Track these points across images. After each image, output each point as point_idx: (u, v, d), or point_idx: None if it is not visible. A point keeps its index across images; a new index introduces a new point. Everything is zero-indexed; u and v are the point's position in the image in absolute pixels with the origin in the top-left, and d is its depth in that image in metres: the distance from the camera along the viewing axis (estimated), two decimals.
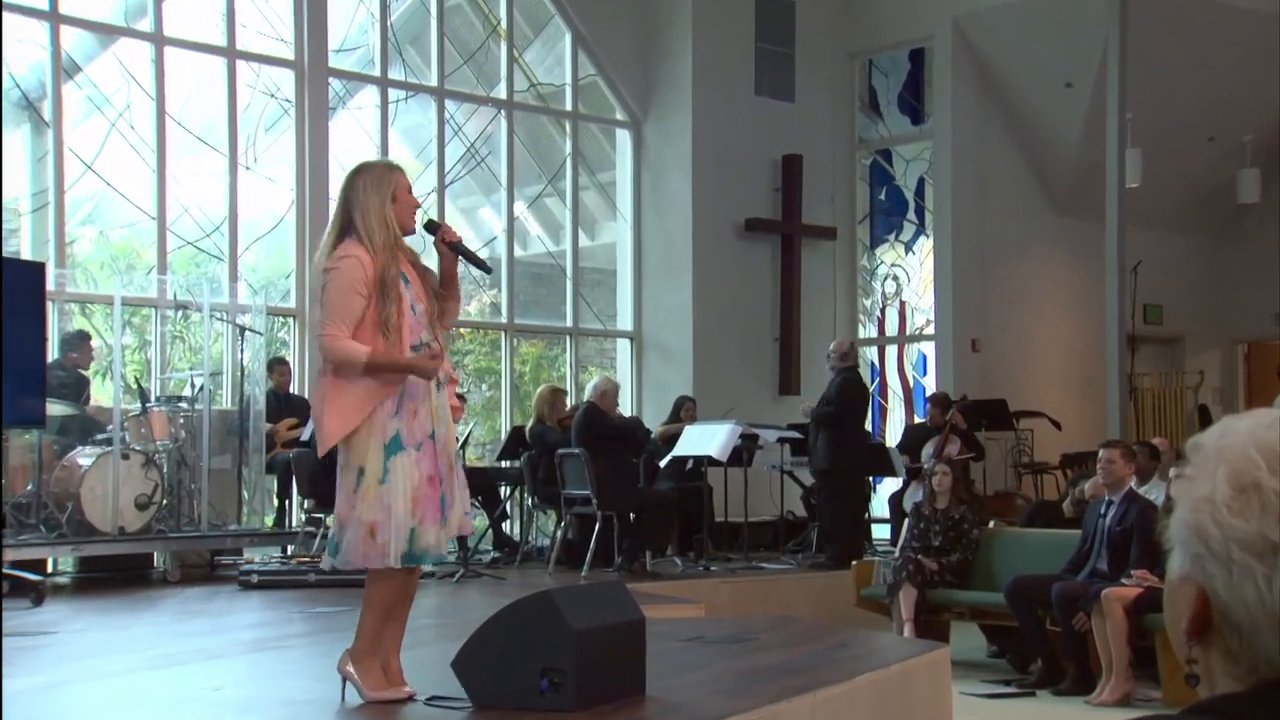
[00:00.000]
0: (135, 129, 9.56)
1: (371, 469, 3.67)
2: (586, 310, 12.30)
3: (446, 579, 7.95)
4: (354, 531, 3.68)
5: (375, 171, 3.80)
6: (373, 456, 3.67)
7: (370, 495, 3.67)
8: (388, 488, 3.67)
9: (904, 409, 12.84)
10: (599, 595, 3.97)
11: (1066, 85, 11.90)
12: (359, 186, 3.75)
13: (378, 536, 3.67)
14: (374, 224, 3.73)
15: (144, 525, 7.87)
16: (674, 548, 9.24)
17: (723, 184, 12.12)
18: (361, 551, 3.68)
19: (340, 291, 3.68)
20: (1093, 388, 12.16)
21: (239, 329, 8.81)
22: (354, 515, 3.68)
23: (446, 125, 11.32)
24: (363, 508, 3.67)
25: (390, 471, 3.68)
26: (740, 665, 4.60)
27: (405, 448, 3.70)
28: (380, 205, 3.73)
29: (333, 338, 3.66)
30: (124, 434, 7.93)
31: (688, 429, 9.24)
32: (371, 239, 3.72)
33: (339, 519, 3.73)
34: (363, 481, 3.67)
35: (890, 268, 13.13)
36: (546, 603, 3.65)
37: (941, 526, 7.64)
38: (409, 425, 3.72)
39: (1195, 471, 1.05)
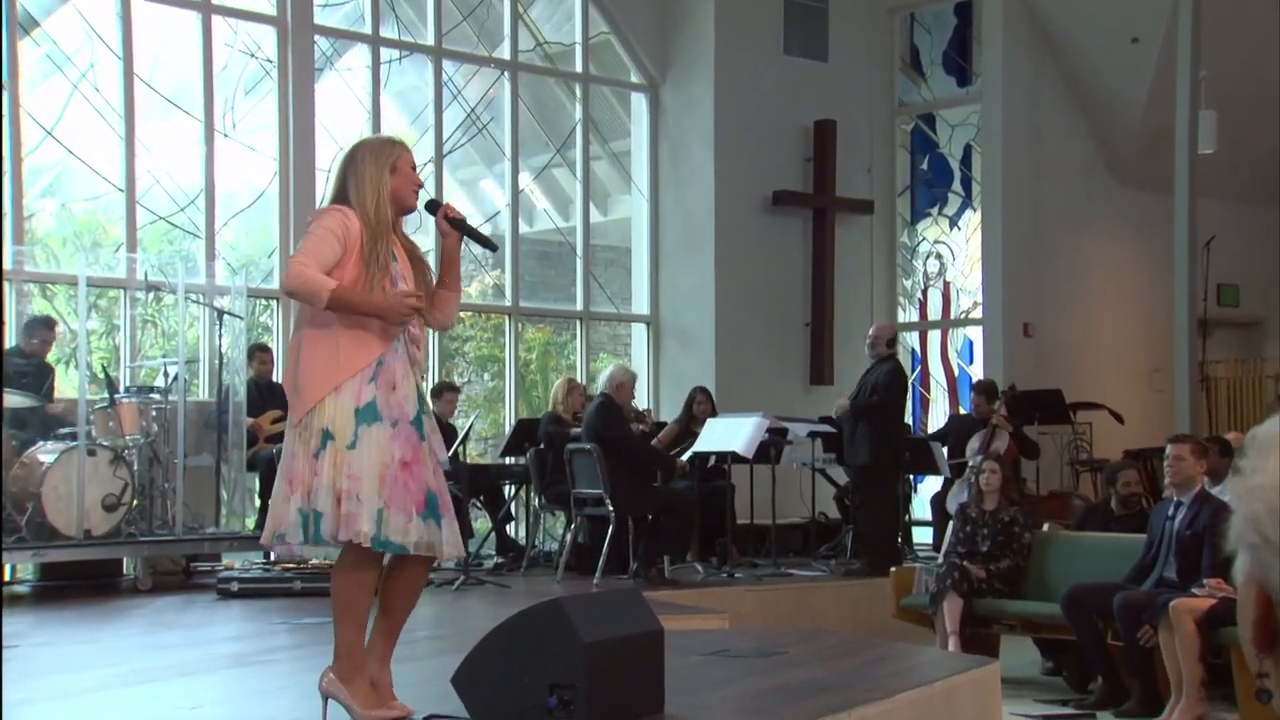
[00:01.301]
0: (100, 91, 9.56)
1: (341, 432, 3.61)
2: (598, 292, 12.29)
3: (445, 587, 7.96)
4: (327, 501, 3.60)
5: (375, 143, 3.88)
6: (342, 419, 3.62)
7: (338, 460, 3.60)
8: (356, 454, 3.61)
9: (948, 400, 12.81)
10: (613, 604, 3.97)
11: (1132, 40, 11.82)
12: (356, 158, 3.79)
13: (342, 507, 3.59)
14: (365, 186, 3.75)
15: (112, 528, 7.88)
16: (694, 553, 9.24)
17: (748, 153, 12.08)
18: (339, 523, 3.59)
19: (318, 233, 3.68)
20: (1160, 377, 12.10)
21: (217, 313, 8.81)
22: (318, 483, 3.60)
23: (444, 89, 11.30)
24: (329, 473, 3.60)
25: (361, 439, 3.62)
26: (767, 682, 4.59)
27: (381, 419, 3.65)
28: (376, 174, 3.76)
29: (302, 266, 3.63)
30: (90, 428, 7.94)
31: (710, 423, 9.23)
32: (361, 200, 3.75)
33: (294, 490, 3.62)
34: (329, 445, 3.61)
35: (933, 245, 13.08)
36: (555, 613, 3.64)
37: (989, 530, 7.62)
38: (386, 397, 3.68)
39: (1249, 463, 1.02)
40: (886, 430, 9.05)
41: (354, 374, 3.64)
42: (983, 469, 7.83)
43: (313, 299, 3.63)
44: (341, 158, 3.86)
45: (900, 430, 9.39)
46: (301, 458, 3.63)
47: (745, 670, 4.84)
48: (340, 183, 3.80)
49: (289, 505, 3.64)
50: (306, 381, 3.66)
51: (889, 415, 9.08)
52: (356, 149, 3.83)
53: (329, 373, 3.65)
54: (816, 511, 10.23)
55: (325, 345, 3.67)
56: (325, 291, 3.61)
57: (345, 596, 3.73)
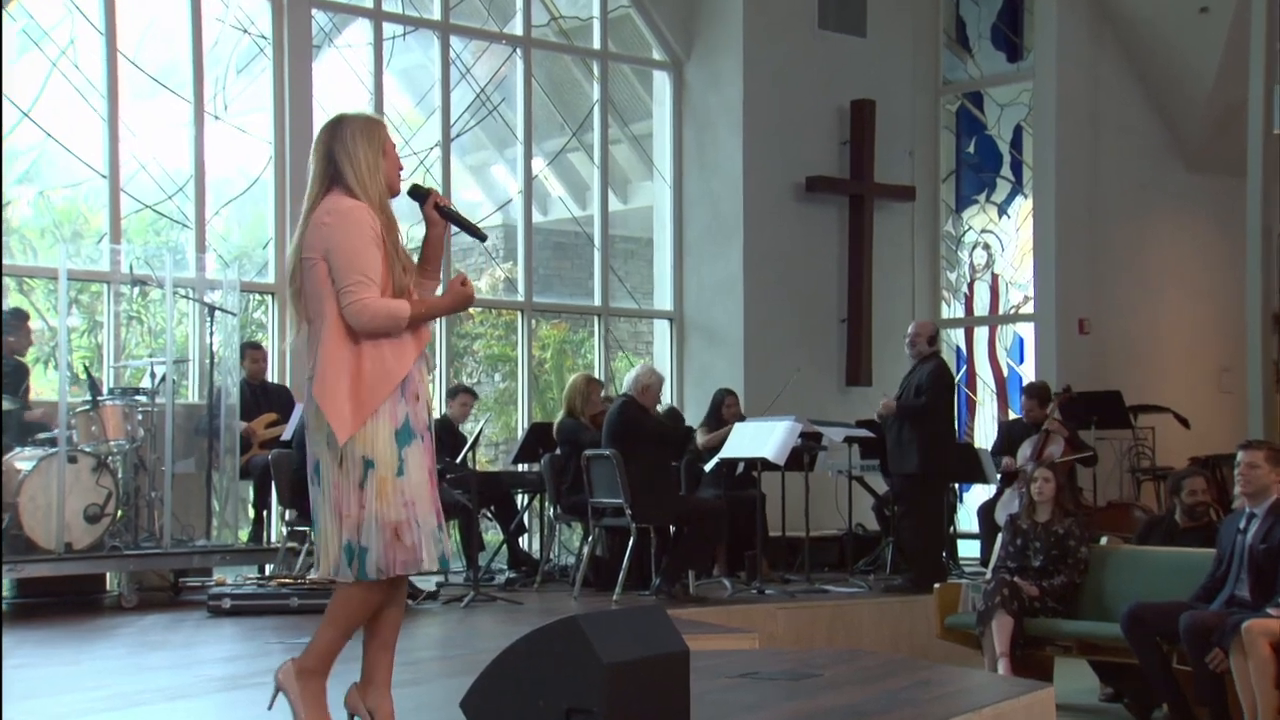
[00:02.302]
0: (81, 69, 9.58)
1: (384, 460, 3.68)
2: (618, 286, 12.28)
3: (454, 603, 7.97)
4: (375, 536, 3.67)
5: (360, 122, 3.84)
6: (383, 445, 3.68)
7: (387, 491, 3.68)
8: (406, 481, 3.70)
9: (996, 403, 12.75)
10: (634, 623, 3.96)
11: (1201, 10, 11.73)
12: (345, 136, 3.79)
13: (404, 538, 3.68)
14: (366, 175, 3.77)
15: (95, 541, 7.89)
16: (722, 567, 9.24)
17: (780, 136, 12.05)
18: (393, 558, 3.67)
19: (357, 245, 3.69)
20: (1230, 377, 12.01)
21: (207, 308, 8.82)
22: (366, 516, 3.66)
23: (452, 67, 11.31)
24: (379, 506, 3.67)
25: (406, 462, 3.71)
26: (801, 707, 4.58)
27: (416, 435, 3.74)
28: (374, 158, 3.78)
29: (365, 301, 3.66)
30: (71, 433, 7.95)
31: (738, 427, 9.22)
32: (367, 192, 3.76)
33: (344, 524, 3.69)
34: (372, 475, 3.67)
35: (980, 234, 13.03)
36: (572, 631, 3.63)
37: (1043, 543, 7.59)
38: (414, 410, 3.76)
39: None
40: (935, 434, 9.01)
41: (388, 394, 3.70)
42: (1035, 477, 7.79)
43: (394, 328, 3.70)
44: (324, 135, 3.83)
45: (949, 435, 9.35)
46: (345, 489, 3.69)
47: (777, 694, 4.83)
48: (329, 163, 3.78)
49: (334, 542, 3.71)
50: (343, 404, 3.68)
51: (937, 418, 9.04)
52: (341, 128, 3.81)
53: (370, 394, 3.69)
54: (854, 523, 10.21)
55: (359, 362, 3.70)
56: (404, 318, 3.70)
57: (349, 610, 3.77)
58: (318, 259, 3.71)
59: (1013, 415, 12.02)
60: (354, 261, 3.68)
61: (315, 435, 3.73)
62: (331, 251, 3.69)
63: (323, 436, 3.70)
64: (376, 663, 3.82)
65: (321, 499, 3.73)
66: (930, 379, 9.03)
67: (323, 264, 3.71)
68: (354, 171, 3.75)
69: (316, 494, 3.76)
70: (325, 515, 3.73)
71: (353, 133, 3.79)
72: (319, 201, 3.77)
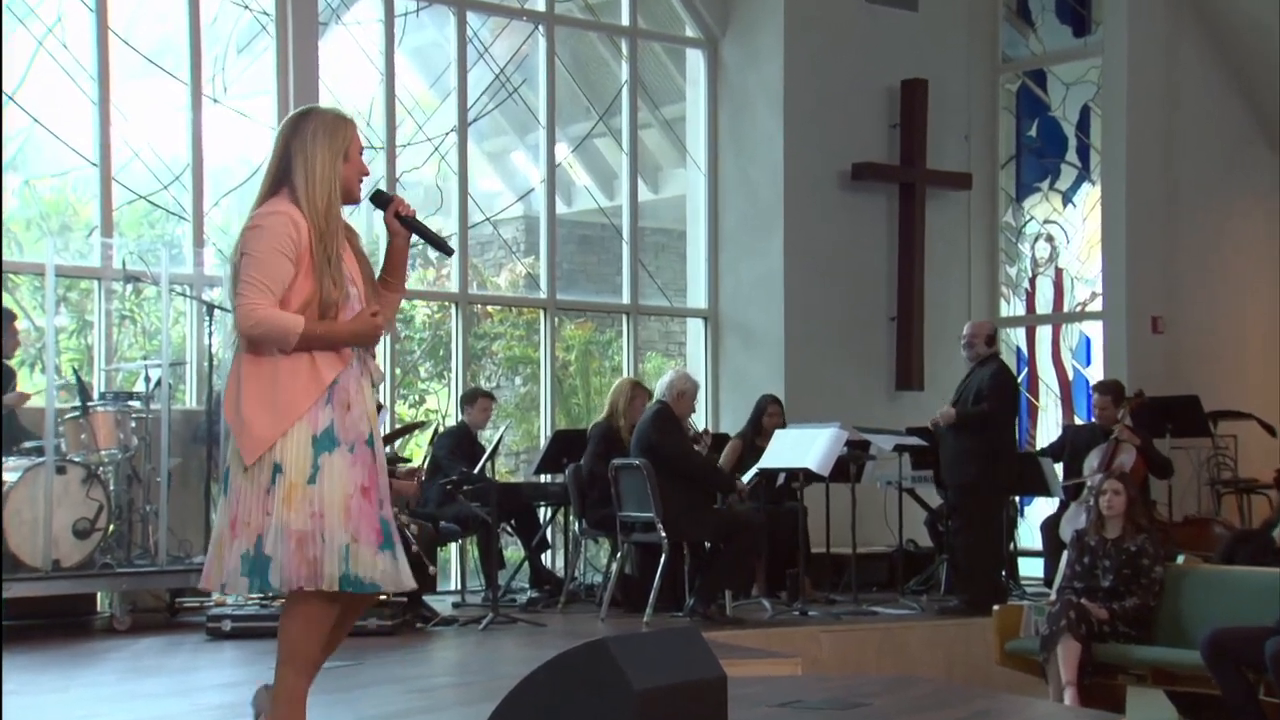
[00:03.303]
0: (69, 49, 9.62)
1: (295, 465, 3.76)
2: (648, 283, 12.26)
3: (471, 625, 7.97)
4: (280, 545, 3.74)
5: (326, 119, 3.95)
6: (297, 450, 3.77)
7: (296, 498, 3.75)
8: (317, 490, 3.76)
9: (1060, 409, 12.68)
10: (667, 646, 3.96)
11: None
12: (305, 132, 3.90)
13: (306, 551, 3.74)
14: (316, 180, 3.86)
15: (85, 558, 7.92)
16: (761, 586, 9.24)
17: (824, 119, 12.02)
18: (295, 571, 3.74)
19: (265, 252, 3.78)
20: None
21: (206, 307, 8.85)
22: (271, 523, 3.74)
23: (469, 45, 11.32)
24: (285, 513, 3.74)
25: (321, 470, 3.77)
26: None
27: (339, 444, 3.81)
28: (330, 161, 3.89)
29: (254, 306, 3.76)
30: (59, 441, 7.98)
31: (779, 435, 9.19)
32: (311, 199, 3.86)
33: (242, 532, 3.76)
34: (280, 480, 3.75)
35: (1043, 225, 12.97)
36: (601, 655, 3.62)
37: (1112, 561, 7.55)
38: (341, 419, 3.84)
39: None
40: (995, 442, 8.96)
41: (310, 405, 3.79)
42: (1104, 490, 7.75)
43: (281, 342, 3.77)
44: (286, 129, 3.95)
45: (1010, 443, 9.30)
46: (249, 496, 3.76)
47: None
48: (283, 161, 3.89)
49: (231, 552, 3.78)
50: (257, 417, 3.77)
51: (1000, 425, 8.98)
52: (305, 123, 3.92)
53: (285, 408, 3.77)
54: (904, 539, 10.17)
55: (276, 375, 3.79)
56: (294, 334, 3.77)
57: (295, 638, 3.85)
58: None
59: (1078, 421, 11.94)
60: (254, 270, 3.78)
61: (229, 441, 3.86)
62: (243, 256, 3.81)
63: (231, 448, 3.83)
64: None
65: (223, 507, 3.82)
66: (992, 383, 8.98)
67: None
68: (305, 174, 3.86)
69: (220, 503, 3.86)
70: (222, 524, 3.82)
71: (315, 130, 3.89)
72: (263, 201, 3.89)
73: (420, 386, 12.01)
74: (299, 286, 3.81)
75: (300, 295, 3.80)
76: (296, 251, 3.80)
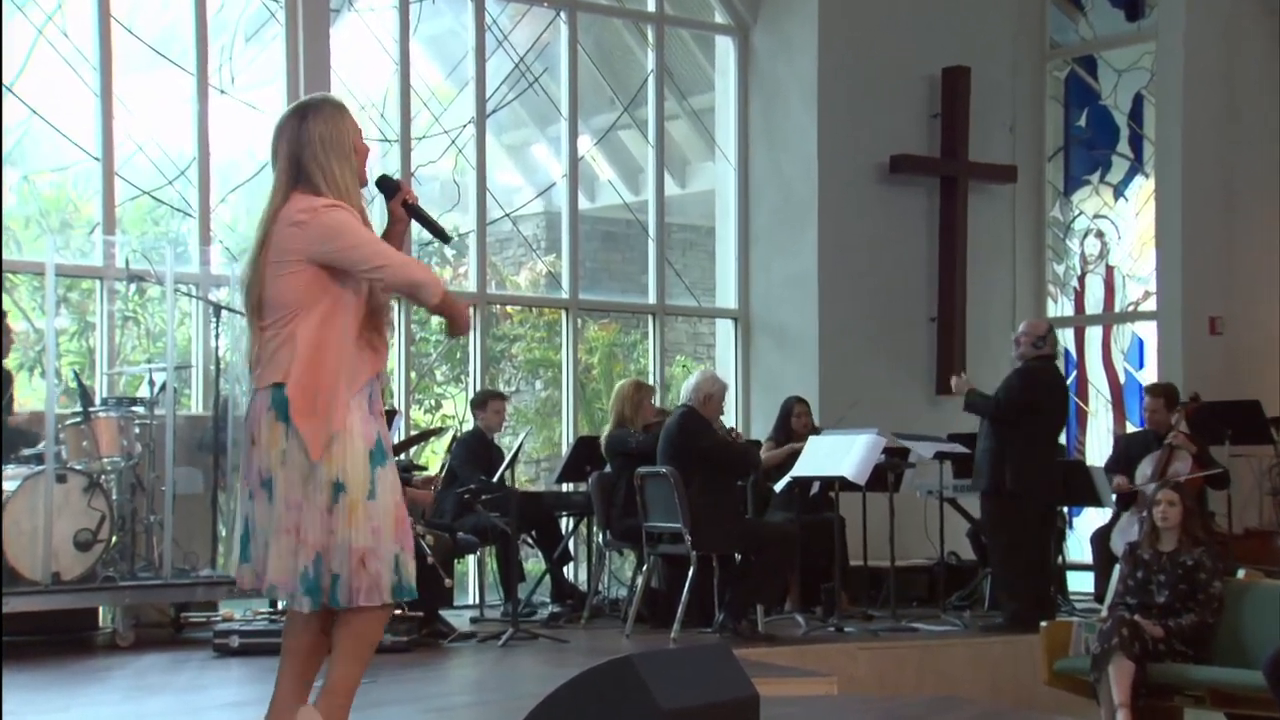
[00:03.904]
0: (70, 38, 9.66)
1: (356, 482, 3.94)
2: (675, 282, 12.27)
3: (490, 642, 7.98)
4: (345, 563, 3.92)
5: (332, 117, 4.09)
6: (356, 467, 3.94)
7: (358, 516, 3.94)
8: (377, 505, 3.96)
9: (1111, 414, 12.63)
10: (696, 664, 3.95)
11: None
12: (312, 142, 4.02)
13: (369, 566, 3.94)
14: (341, 191, 4.02)
15: (86, 571, 7.94)
16: (795, 601, 9.24)
17: (860, 109, 12.01)
18: (359, 586, 3.93)
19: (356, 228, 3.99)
20: None
21: (213, 307, 8.88)
22: (335, 543, 3.92)
23: (488, 33, 11.33)
24: (348, 532, 3.93)
25: (378, 487, 3.97)
26: None
27: (387, 457, 4.04)
28: (346, 166, 4.05)
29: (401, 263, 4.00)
30: (60, 448, 8.00)
31: (813, 441, 9.19)
32: (348, 196, 4.03)
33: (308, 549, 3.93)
34: (343, 499, 3.92)
35: (1093, 220, 12.93)
36: (626, 673, 3.62)
37: (1168, 576, 7.52)
38: (382, 429, 4.07)
39: None
40: (1027, 446, 8.92)
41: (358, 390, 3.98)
42: (1157, 500, 7.71)
43: (434, 284, 4.05)
44: (289, 132, 4.07)
45: (1047, 447, 9.22)
46: (310, 511, 3.92)
47: None
48: (294, 165, 4.02)
49: (295, 560, 3.94)
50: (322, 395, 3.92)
51: (1023, 426, 8.93)
52: (310, 125, 4.04)
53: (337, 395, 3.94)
54: (946, 551, 10.14)
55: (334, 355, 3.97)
56: (439, 279, 4.10)
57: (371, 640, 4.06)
58: (297, 263, 3.94)
59: (1130, 428, 11.88)
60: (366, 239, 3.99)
61: (267, 450, 3.95)
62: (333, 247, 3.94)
63: (277, 453, 3.92)
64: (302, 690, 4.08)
65: (267, 514, 3.95)
66: (1017, 379, 8.95)
67: (306, 269, 3.94)
68: (328, 179, 4.02)
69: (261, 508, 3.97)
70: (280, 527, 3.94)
71: (320, 139, 4.02)
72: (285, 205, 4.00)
73: (436, 391, 12.03)
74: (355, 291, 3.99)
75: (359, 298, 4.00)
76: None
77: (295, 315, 3.94)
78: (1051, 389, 9.29)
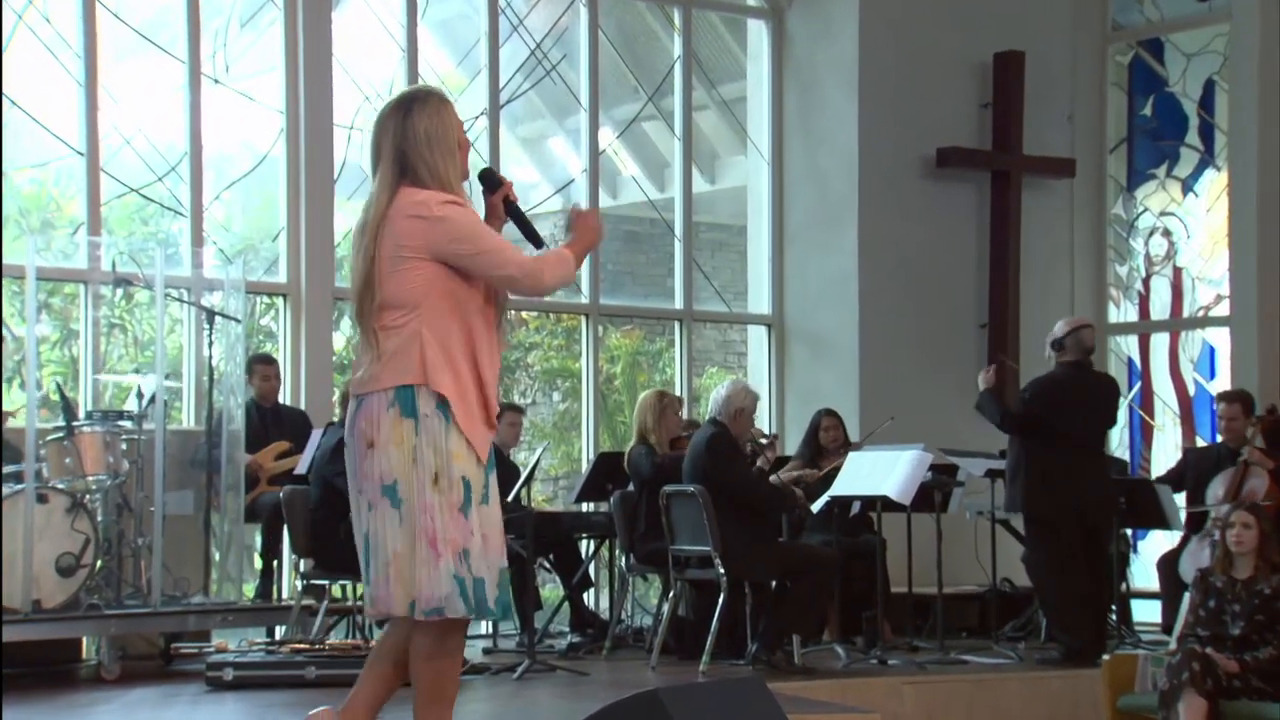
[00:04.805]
0: (52, 23, 9.71)
1: (477, 482, 4.11)
2: (704, 285, 12.27)
3: (505, 674, 7.97)
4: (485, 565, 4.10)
5: (431, 106, 4.25)
6: (473, 468, 4.11)
7: (478, 518, 4.10)
8: (488, 510, 4.13)
9: (1180, 428, 12.57)
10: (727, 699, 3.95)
11: None
12: (417, 139, 4.19)
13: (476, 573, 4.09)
14: (451, 172, 4.22)
15: (69, 598, 7.95)
16: (834, 630, 9.22)
17: (904, 98, 12.00)
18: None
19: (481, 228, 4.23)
20: None
21: (205, 313, 8.89)
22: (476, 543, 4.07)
23: (501, 17, 11.35)
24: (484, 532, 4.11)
25: (490, 490, 4.15)
26: None
27: (493, 462, 4.21)
28: (451, 163, 4.23)
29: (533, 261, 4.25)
30: (40, 466, 8.02)
31: (853, 457, 9.19)
32: (452, 192, 4.22)
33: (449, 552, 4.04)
34: (471, 497, 4.08)
35: (1159, 218, 12.89)
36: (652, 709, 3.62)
37: (1243, 606, 7.50)
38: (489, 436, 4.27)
39: None
40: (1059, 458, 8.89)
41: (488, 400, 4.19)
42: (1231, 522, 7.69)
43: (571, 277, 4.41)
44: (392, 127, 4.21)
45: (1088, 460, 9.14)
46: (443, 512, 4.04)
47: None
48: (399, 160, 4.17)
49: (439, 570, 4.01)
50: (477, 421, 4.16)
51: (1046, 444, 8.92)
52: (414, 119, 4.20)
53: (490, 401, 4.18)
54: (998, 577, 10.11)
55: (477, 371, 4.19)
56: (572, 264, 4.38)
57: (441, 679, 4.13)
58: (417, 259, 4.08)
59: (1200, 443, 11.82)
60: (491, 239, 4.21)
61: (390, 452, 4.04)
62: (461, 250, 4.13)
63: (406, 451, 4.02)
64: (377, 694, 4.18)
65: (399, 524, 4.03)
66: (1026, 389, 8.92)
67: (426, 265, 4.09)
68: (434, 176, 4.22)
69: (381, 521, 4.05)
70: (403, 542, 4.03)
71: (426, 136, 4.19)
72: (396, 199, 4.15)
73: None
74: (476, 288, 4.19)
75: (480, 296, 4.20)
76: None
77: (417, 313, 4.09)
78: (1063, 397, 9.18)
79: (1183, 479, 10.22)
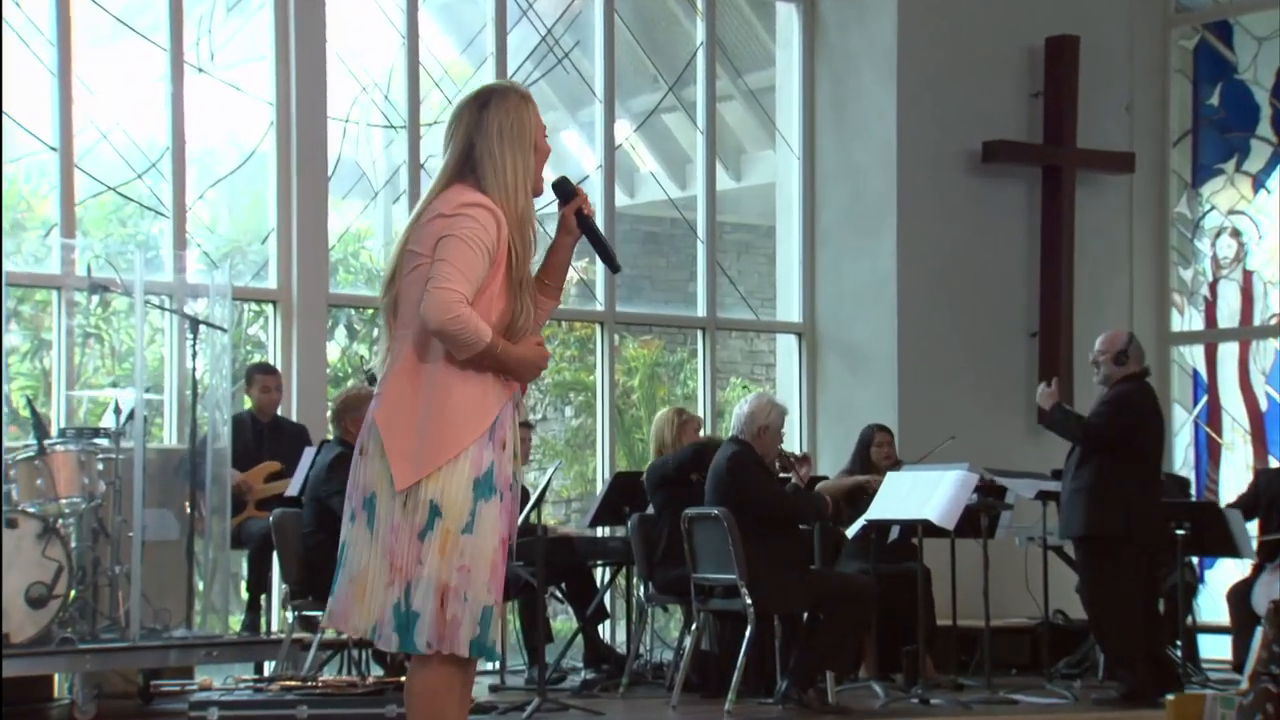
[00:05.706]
0: (22, 8, 9.72)
1: (454, 509, 4.01)
2: (729, 291, 12.26)
3: (514, 713, 7.95)
4: (429, 600, 3.99)
5: (508, 110, 4.18)
6: (457, 492, 4.02)
7: (449, 547, 4.00)
8: (472, 541, 4.02)
9: (1250, 446, 12.53)
10: None
11: None
12: (489, 131, 4.15)
13: (447, 608, 3.99)
14: (510, 189, 4.12)
15: (40, 632, 7.93)
16: (871, 666, 9.19)
17: (946, 89, 12.00)
18: (435, 629, 4.00)
19: (474, 242, 4.04)
20: None
21: (189, 322, 8.89)
22: (423, 573, 3.99)
23: (510, 2, 11.35)
24: (437, 563, 4.00)
25: (476, 518, 4.03)
26: None
27: (496, 491, 4.08)
28: (523, 163, 4.16)
29: (460, 297, 3.98)
30: (9, 487, 8.02)
31: (892, 478, 9.17)
32: (508, 208, 4.12)
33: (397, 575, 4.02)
34: (438, 525, 3.99)
35: (1227, 217, 12.86)
36: None
37: None
38: (499, 460, 4.11)
39: None
40: (1118, 480, 8.83)
41: (474, 439, 4.04)
42: None
43: (465, 347, 4.01)
44: (466, 120, 4.18)
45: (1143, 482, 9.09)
46: (404, 536, 4.02)
47: None
48: (463, 152, 4.15)
49: (389, 596, 4.04)
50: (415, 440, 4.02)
51: (1126, 462, 8.86)
52: (490, 113, 4.16)
53: (452, 438, 4.02)
54: (1051, 609, 10.06)
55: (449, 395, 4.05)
56: (482, 344, 4.01)
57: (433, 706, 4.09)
58: (426, 257, 4.04)
59: (1274, 462, 11.77)
60: (460, 258, 4.00)
61: (374, 462, 4.06)
62: (450, 238, 4.02)
63: (385, 467, 4.03)
64: None
65: (370, 539, 4.06)
66: (1106, 403, 8.86)
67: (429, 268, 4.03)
68: (497, 175, 4.12)
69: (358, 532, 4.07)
70: (372, 559, 4.05)
71: (499, 129, 4.15)
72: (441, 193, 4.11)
73: None
74: (491, 298, 4.07)
75: (495, 312, 4.07)
76: (493, 252, 4.07)
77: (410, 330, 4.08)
78: (1148, 413, 9.14)
79: (1255, 503, 10.17)
